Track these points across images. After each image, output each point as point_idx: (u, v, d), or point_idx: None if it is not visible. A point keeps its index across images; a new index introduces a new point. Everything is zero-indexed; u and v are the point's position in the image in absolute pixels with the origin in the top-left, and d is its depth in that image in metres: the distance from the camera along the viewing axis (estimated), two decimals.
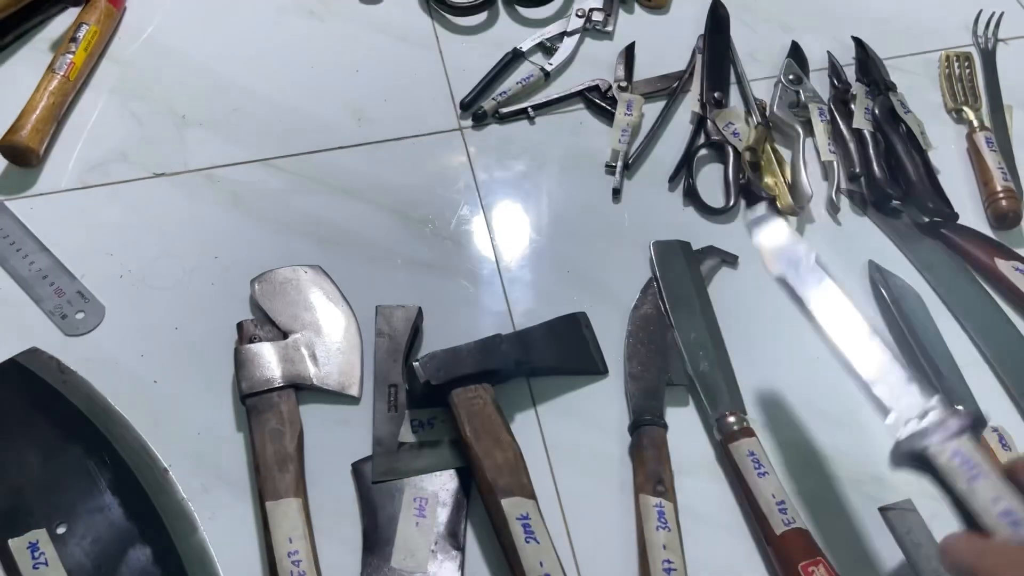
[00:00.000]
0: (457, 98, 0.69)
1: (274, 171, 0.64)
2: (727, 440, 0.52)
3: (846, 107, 0.70)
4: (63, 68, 0.64)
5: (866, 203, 0.66)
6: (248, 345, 0.53)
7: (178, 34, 0.71)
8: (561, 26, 0.74)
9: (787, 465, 0.53)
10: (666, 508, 0.49)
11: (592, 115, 0.70)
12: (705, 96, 0.70)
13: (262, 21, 0.73)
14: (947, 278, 0.62)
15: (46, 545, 0.46)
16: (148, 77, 0.68)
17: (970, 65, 0.75)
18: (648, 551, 0.47)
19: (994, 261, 0.62)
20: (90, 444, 0.50)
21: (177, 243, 0.59)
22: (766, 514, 0.49)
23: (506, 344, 0.53)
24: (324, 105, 0.68)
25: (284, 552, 0.46)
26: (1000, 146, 0.69)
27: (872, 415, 0.44)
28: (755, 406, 0.55)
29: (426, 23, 0.74)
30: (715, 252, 0.62)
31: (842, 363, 0.46)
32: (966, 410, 0.48)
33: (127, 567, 0.46)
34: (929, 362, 0.56)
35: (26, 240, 0.58)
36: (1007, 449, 0.53)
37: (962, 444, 0.39)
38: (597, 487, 0.52)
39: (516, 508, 0.47)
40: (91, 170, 0.63)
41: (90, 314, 0.56)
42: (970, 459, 0.38)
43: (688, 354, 0.56)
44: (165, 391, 0.53)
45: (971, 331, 0.59)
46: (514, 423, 0.53)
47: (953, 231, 0.64)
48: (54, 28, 0.70)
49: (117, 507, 0.48)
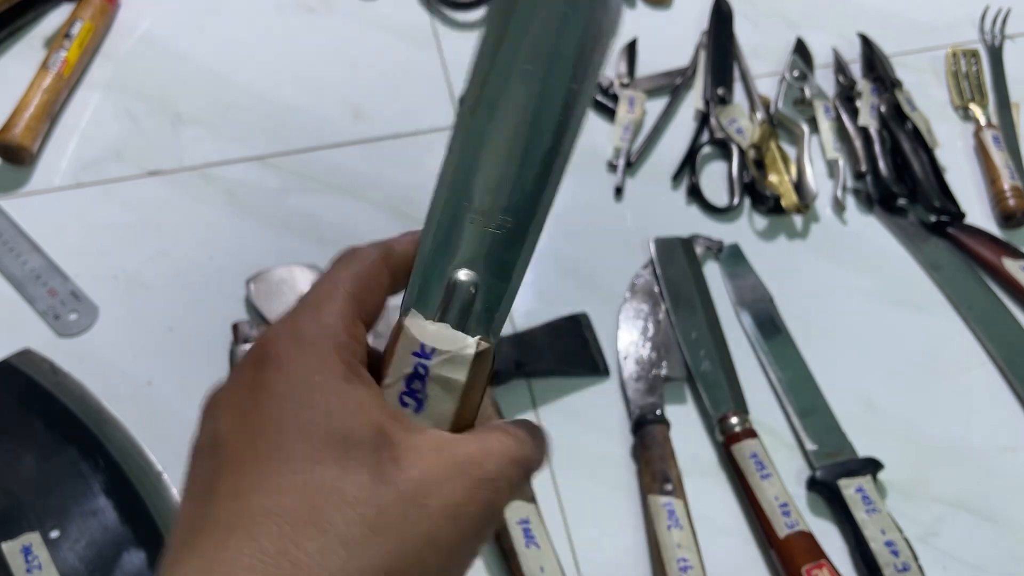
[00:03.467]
0: (456, 95, 0.68)
1: (270, 169, 0.63)
2: (729, 441, 0.51)
3: (851, 104, 0.69)
4: (57, 65, 0.63)
5: (872, 201, 0.65)
6: (243, 346, 0.52)
7: (174, 31, 0.70)
8: None
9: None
10: (676, 506, 0.48)
11: (593, 112, 0.69)
12: (709, 93, 0.69)
13: (258, 17, 0.72)
14: (954, 277, 0.61)
15: (39, 549, 0.46)
16: (143, 74, 0.68)
17: (977, 62, 0.74)
18: (662, 552, 0.47)
19: (1001, 261, 0.61)
20: (84, 446, 0.49)
21: (172, 242, 0.59)
22: (769, 517, 0.48)
23: (506, 345, 0.53)
24: (321, 102, 0.67)
25: None
26: (1007, 144, 0.68)
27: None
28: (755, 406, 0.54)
29: (425, 19, 0.73)
30: (700, 241, 0.61)
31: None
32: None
33: (121, 571, 0.46)
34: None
35: (19, 239, 0.58)
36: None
37: (864, 482, 0.49)
38: (599, 489, 0.51)
39: (516, 512, 0.46)
40: (85, 168, 0.62)
41: (83, 315, 0.55)
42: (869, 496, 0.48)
43: (689, 353, 0.55)
44: (159, 393, 0.53)
45: (978, 331, 0.59)
46: None
47: (960, 230, 0.63)
48: (48, 24, 0.69)
49: (111, 510, 0.47)
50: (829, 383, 0.55)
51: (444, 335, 0.25)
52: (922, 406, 0.55)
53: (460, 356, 0.25)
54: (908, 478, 0.52)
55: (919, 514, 0.51)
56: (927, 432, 0.54)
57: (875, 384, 0.56)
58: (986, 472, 0.53)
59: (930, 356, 0.58)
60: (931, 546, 0.50)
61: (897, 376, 0.57)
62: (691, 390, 0.55)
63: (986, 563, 0.50)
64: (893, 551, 0.47)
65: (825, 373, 0.56)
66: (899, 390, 0.56)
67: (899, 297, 0.61)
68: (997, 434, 0.55)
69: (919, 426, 0.55)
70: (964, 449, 0.54)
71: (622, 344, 0.56)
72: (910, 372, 0.57)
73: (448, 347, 0.25)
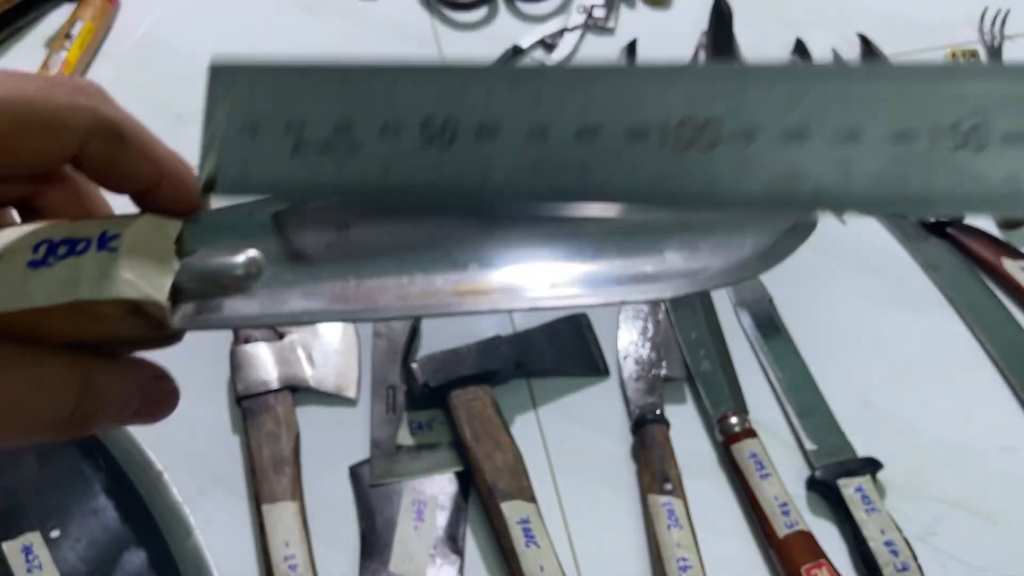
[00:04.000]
0: None
1: None
2: (729, 441, 0.51)
3: None
4: (57, 65, 0.63)
5: None
6: (244, 346, 0.52)
7: (174, 31, 0.70)
8: (562, 22, 0.73)
9: None
10: (676, 506, 0.48)
11: None
12: None
13: (259, 18, 0.72)
14: (953, 278, 0.61)
15: (40, 548, 0.46)
16: (143, 74, 0.68)
17: (976, 62, 0.74)
18: (662, 552, 0.47)
19: (1001, 261, 0.61)
20: (84, 446, 0.49)
21: None
22: (768, 516, 0.48)
23: (506, 345, 0.53)
24: None
25: (281, 556, 0.45)
26: None
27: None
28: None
29: (425, 19, 0.73)
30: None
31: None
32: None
33: (121, 571, 0.45)
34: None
35: None
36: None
37: (864, 482, 0.48)
38: (599, 489, 0.51)
39: (516, 512, 0.46)
40: None
41: None
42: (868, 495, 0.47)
43: (689, 353, 0.55)
44: None
45: (977, 331, 0.59)
46: (514, 425, 0.53)
47: (959, 230, 0.63)
48: (48, 25, 0.69)
49: (111, 510, 0.47)
50: (828, 383, 0.55)
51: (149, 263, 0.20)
52: (921, 406, 0.55)
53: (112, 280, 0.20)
54: (907, 478, 0.52)
55: (918, 514, 0.51)
56: (926, 432, 0.54)
57: (874, 384, 0.56)
58: (985, 472, 0.53)
59: (929, 356, 0.58)
60: (930, 546, 0.50)
61: (896, 376, 0.57)
62: (691, 390, 0.55)
63: (985, 563, 0.50)
64: (892, 551, 0.47)
65: (825, 373, 0.56)
66: (898, 390, 0.56)
67: (899, 297, 0.61)
68: (996, 434, 0.55)
69: (918, 426, 0.55)
70: (963, 449, 0.54)
71: (622, 344, 0.56)
72: (909, 372, 0.57)
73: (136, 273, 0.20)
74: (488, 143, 0.19)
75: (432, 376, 0.50)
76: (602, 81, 0.19)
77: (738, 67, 0.19)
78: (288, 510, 0.47)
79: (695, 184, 0.19)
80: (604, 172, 0.18)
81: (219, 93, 0.20)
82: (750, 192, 0.19)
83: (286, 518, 0.47)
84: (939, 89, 0.18)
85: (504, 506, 0.46)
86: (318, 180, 0.20)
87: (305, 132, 0.20)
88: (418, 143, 0.19)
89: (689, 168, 0.18)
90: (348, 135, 0.19)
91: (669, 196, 0.19)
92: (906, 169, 0.18)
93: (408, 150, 0.19)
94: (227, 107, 0.20)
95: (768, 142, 0.18)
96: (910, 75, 0.18)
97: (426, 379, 0.50)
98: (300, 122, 0.20)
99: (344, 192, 0.20)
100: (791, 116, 0.18)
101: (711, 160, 0.18)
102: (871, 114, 0.18)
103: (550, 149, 0.19)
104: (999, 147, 0.17)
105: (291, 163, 0.20)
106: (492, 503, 0.47)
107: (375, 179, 0.19)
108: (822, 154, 0.18)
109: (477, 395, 0.50)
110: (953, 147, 0.18)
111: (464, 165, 0.19)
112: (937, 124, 0.18)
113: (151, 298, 0.20)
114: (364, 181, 0.19)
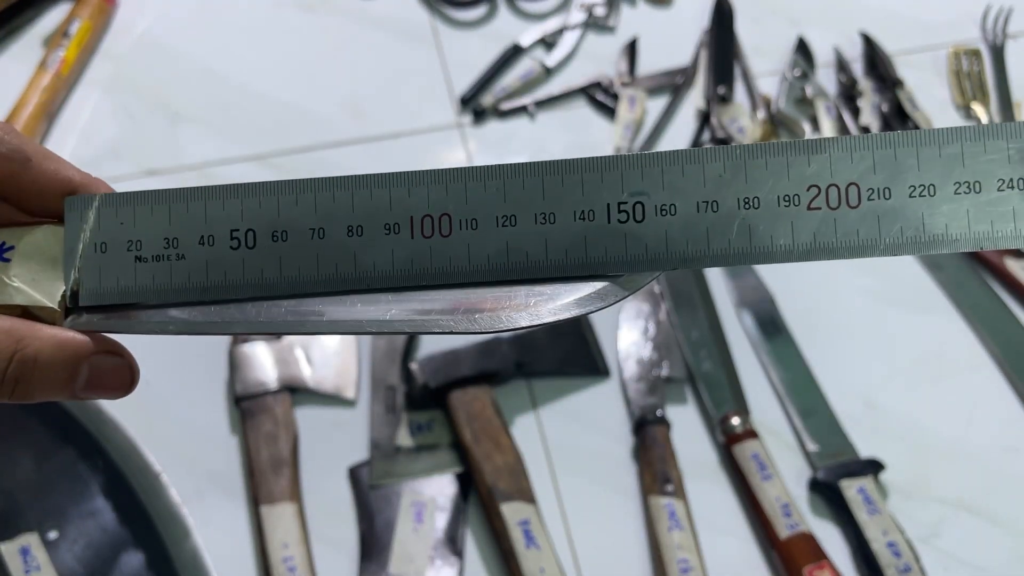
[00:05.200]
0: (456, 94, 0.68)
1: (269, 168, 0.63)
2: (730, 442, 0.51)
3: (853, 103, 0.69)
4: (55, 64, 0.63)
5: None
6: (242, 346, 0.52)
7: (172, 29, 0.70)
8: (562, 20, 0.73)
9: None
10: (677, 507, 0.48)
11: (594, 111, 0.69)
12: (710, 92, 0.69)
13: (257, 16, 0.72)
14: (955, 277, 0.61)
15: (38, 550, 0.45)
16: (141, 73, 0.67)
17: (979, 61, 0.74)
18: (663, 553, 0.47)
19: (1003, 260, 0.61)
20: (82, 447, 0.49)
21: None
22: (770, 517, 0.48)
23: (506, 346, 0.53)
24: (320, 101, 0.67)
25: (279, 558, 0.45)
26: None
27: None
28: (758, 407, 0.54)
29: (424, 17, 0.73)
30: None
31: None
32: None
33: (119, 572, 0.45)
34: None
35: None
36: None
37: (866, 483, 0.49)
38: (600, 490, 0.51)
39: (516, 513, 0.46)
40: (83, 168, 0.61)
41: None
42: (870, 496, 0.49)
43: (690, 354, 0.55)
44: (158, 393, 0.52)
45: (979, 331, 0.59)
46: (514, 426, 0.53)
47: None
48: (46, 23, 0.69)
49: (109, 511, 0.47)
50: (830, 383, 0.55)
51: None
52: (924, 406, 0.55)
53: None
54: (910, 479, 0.52)
55: (921, 515, 0.51)
56: (929, 432, 0.54)
57: (876, 384, 0.56)
58: (988, 473, 0.53)
59: (932, 356, 0.58)
60: (933, 547, 0.50)
61: (899, 376, 0.56)
62: (692, 390, 0.55)
63: (988, 564, 0.50)
64: (895, 552, 0.47)
65: (826, 373, 0.55)
66: (901, 390, 0.56)
67: (901, 297, 0.60)
68: (999, 434, 0.55)
69: (921, 426, 0.54)
70: (966, 449, 0.54)
71: (623, 344, 0.56)
72: (912, 372, 0.57)
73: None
74: (281, 243, 0.25)
75: (432, 377, 0.50)
76: (363, 189, 0.25)
77: (464, 171, 0.25)
78: (287, 511, 0.47)
79: (438, 262, 0.25)
80: (368, 257, 0.25)
81: (75, 222, 0.25)
82: (478, 264, 0.25)
83: (285, 519, 0.46)
84: (609, 176, 0.24)
85: (504, 507, 0.46)
86: (157, 283, 0.25)
87: (142, 248, 0.25)
88: (227, 248, 0.25)
89: (432, 251, 0.25)
90: (174, 247, 0.25)
91: (419, 274, 0.25)
92: (587, 238, 0.24)
93: (221, 255, 0.25)
94: (83, 232, 0.25)
95: (487, 227, 0.25)
96: (586, 167, 0.24)
97: (426, 380, 0.50)
98: (138, 239, 0.25)
99: (178, 292, 0.25)
100: (504, 207, 0.25)
101: (448, 244, 0.25)
102: (560, 200, 0.24)
103: (326, 245, 0.25)
104: (655, 217, 0.24)
105: (136, 272, 0.25)
106: (492, 504, 0.47)
107: (199, 280, 0.25)
108: (527, 233, 0.24)
109: (477, 396, 0.50)
110: (621, 220, 0.24)
111: (264, 261, 0.25)
112: (609, 204, 0.24)
113: (40, 303, 0.24)
114: (190, 282, 0.25)
